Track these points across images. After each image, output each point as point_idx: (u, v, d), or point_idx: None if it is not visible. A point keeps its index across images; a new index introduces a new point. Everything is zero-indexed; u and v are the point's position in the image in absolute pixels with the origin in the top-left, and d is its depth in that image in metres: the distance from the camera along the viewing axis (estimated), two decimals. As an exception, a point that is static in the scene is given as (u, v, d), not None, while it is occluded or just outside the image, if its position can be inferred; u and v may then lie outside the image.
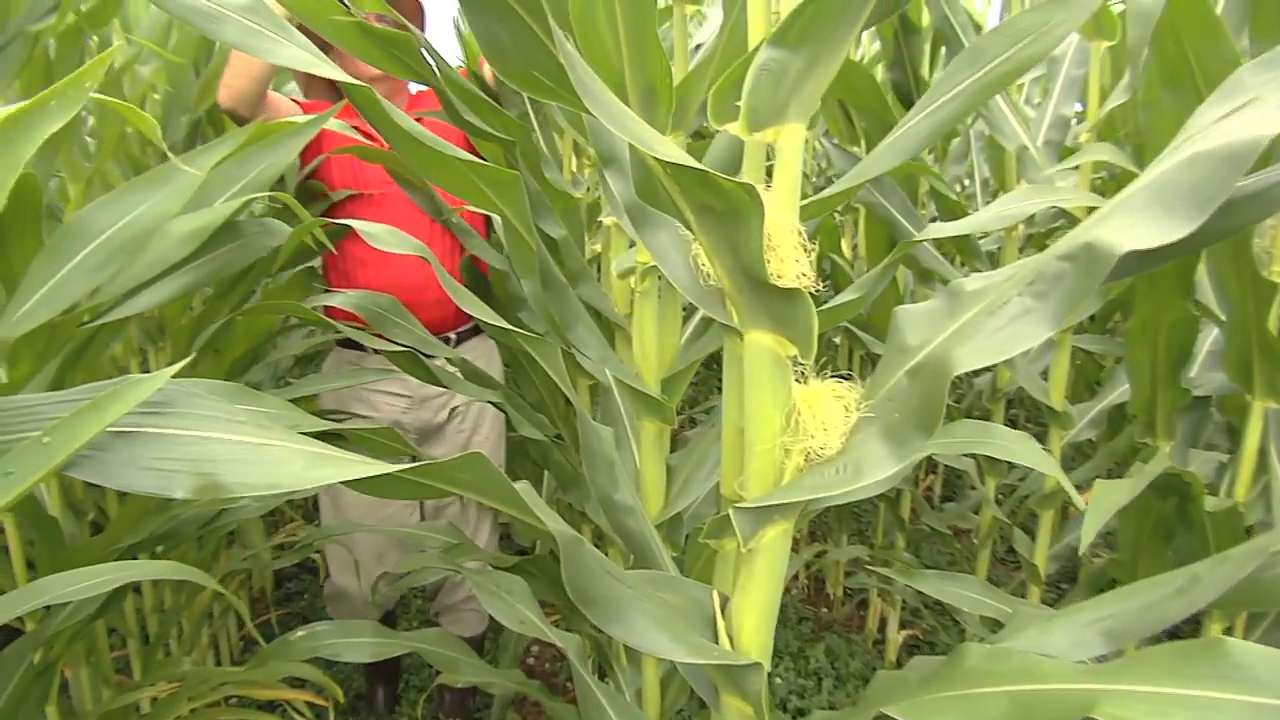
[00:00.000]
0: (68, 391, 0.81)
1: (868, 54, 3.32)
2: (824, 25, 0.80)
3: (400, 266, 2.08)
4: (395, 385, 2.22)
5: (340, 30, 1.25)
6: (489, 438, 2.39)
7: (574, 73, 0.70)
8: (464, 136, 2.12)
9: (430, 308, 2.08)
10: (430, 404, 2.28)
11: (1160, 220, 0.79)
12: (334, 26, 1.28)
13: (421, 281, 2.09)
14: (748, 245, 0.79)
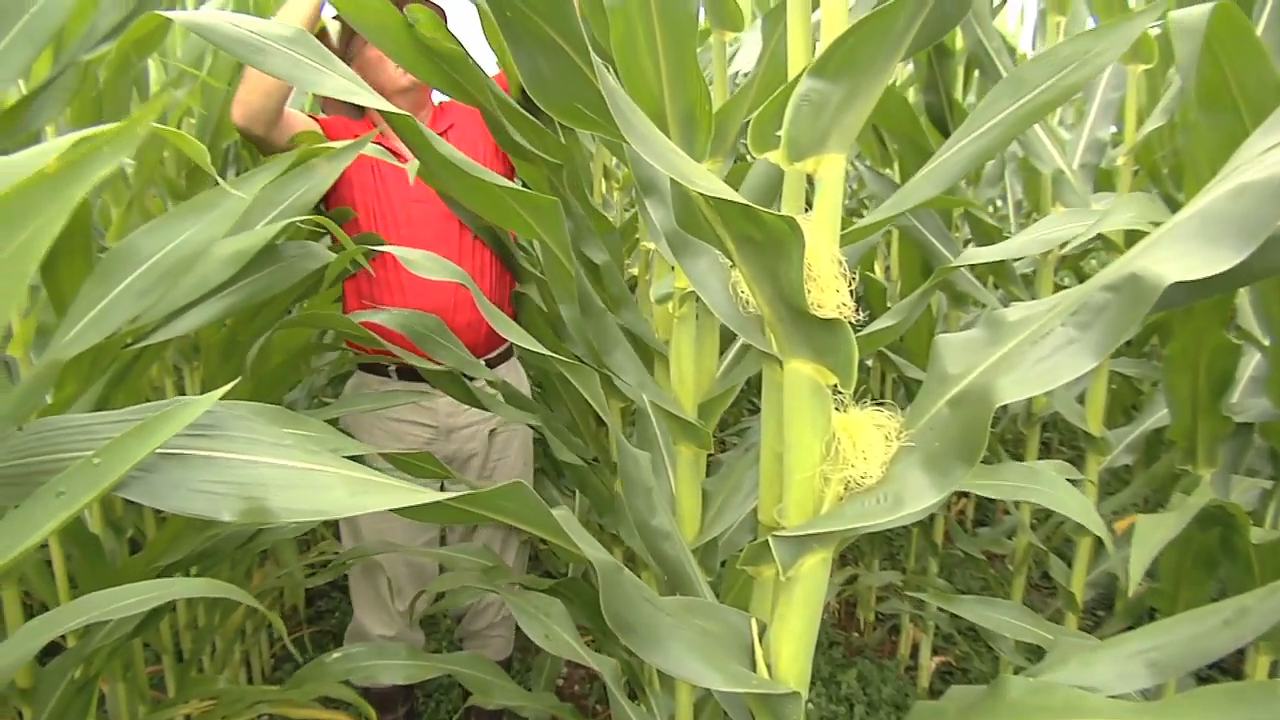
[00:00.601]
0: (117, 412, 0.83)
1: (901, 77, 3.32)
2: (864, 56, 0.81)
3: (428, 291, 2.03)
4: (423, 415, 2.18)
5: (400, 47, 1.27)
6: (514, 467, 2.34)
7: (615, 106, 0.71)
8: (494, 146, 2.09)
9: (460, 332, 2.02)
10: (456, 435, 2.22)
11: (1207, 251, 0.79)
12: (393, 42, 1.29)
13: (450, 305, 2.05)
14: (788, 275, 0.79)
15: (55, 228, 0.63)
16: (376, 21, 1.28)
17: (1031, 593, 3.45)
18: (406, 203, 2.05)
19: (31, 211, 0.63)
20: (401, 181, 2.04)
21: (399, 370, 2.11)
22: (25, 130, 1.48)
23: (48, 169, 0.62)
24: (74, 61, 1.49)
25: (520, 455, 2.35)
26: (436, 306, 2.01)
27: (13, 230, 0.64)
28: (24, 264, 0.64)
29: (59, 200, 0.63)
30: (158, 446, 0.74)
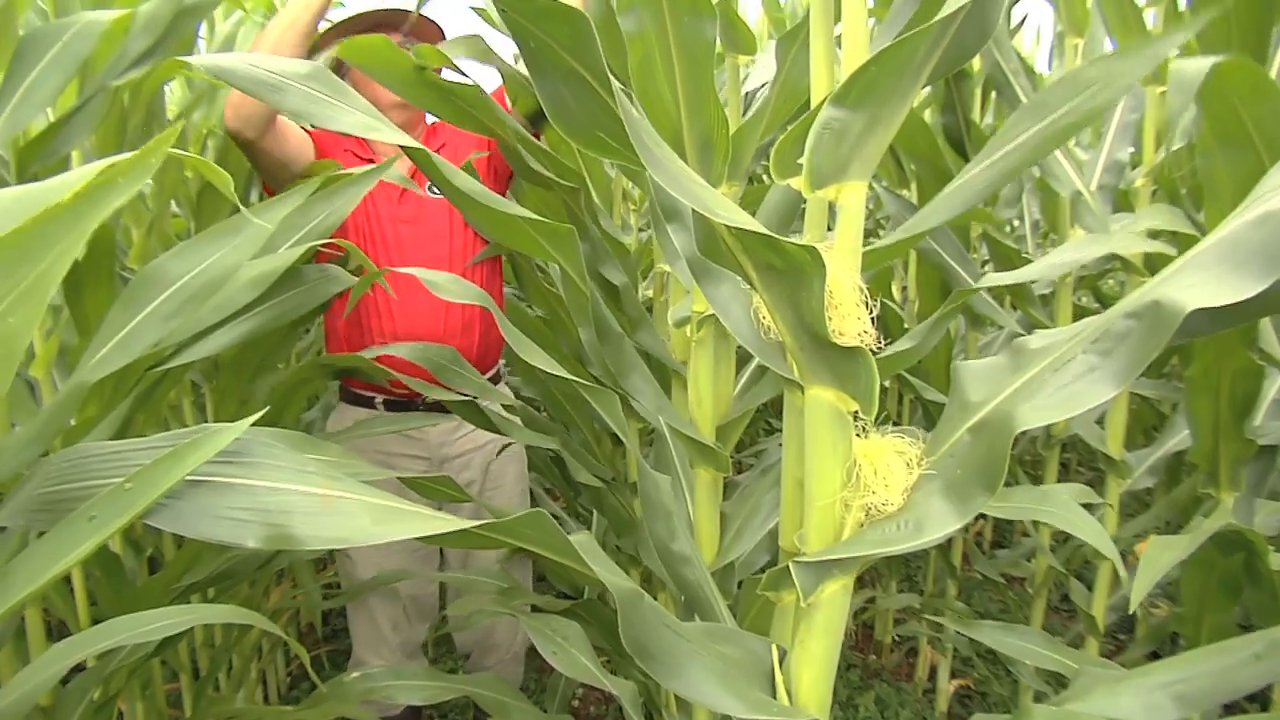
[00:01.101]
0: (146, 439, 0.84)
1: (918, 98, 3.33)
2: (885, 85, 0.81)
3: (422, 315, 1.98)
4: (414, 447, 2.13)
5: (410, 88, 1.28)
6: (511, 495, 2.28)
7: (636, 137, 0.71)
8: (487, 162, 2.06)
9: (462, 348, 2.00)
10: (450, 465, 2.16)
11: (1229, 278, 0.79)
12: (403, 83, 1.31)
13: (442, 330, 1.99)
14: (809, 303, 0.80)
15: (72, 256, 0.64)
16: (384, 64, 1.29)
17: (1051, 615, 3.42)
18: (395, 223, 2.00)
19: (49, 241, 0.65)
20: (390, 201, 2.01)
21: (386, 403, 2.07)
22: (53, 156, 1.51)
23: (62, 201, 0.63)
24: (102, 88, 1.52)
25: (516, 483, 2.30)
26: (430, 331, 1.98)
27: (32, 260, 0.65)
28: (43, 292, 0.65)
29: (76, 230, 0.64)
30: (187, 474, 0.75)
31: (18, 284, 0.64)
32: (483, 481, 2.22)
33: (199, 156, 0.76)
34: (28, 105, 1.38)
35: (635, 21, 1.00)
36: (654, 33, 1.00)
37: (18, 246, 0.64)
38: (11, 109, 1.36)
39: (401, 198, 2.01)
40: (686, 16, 0.99)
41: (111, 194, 0.66)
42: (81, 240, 0.65)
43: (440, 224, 2.01)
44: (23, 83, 1.40)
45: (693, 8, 0.98)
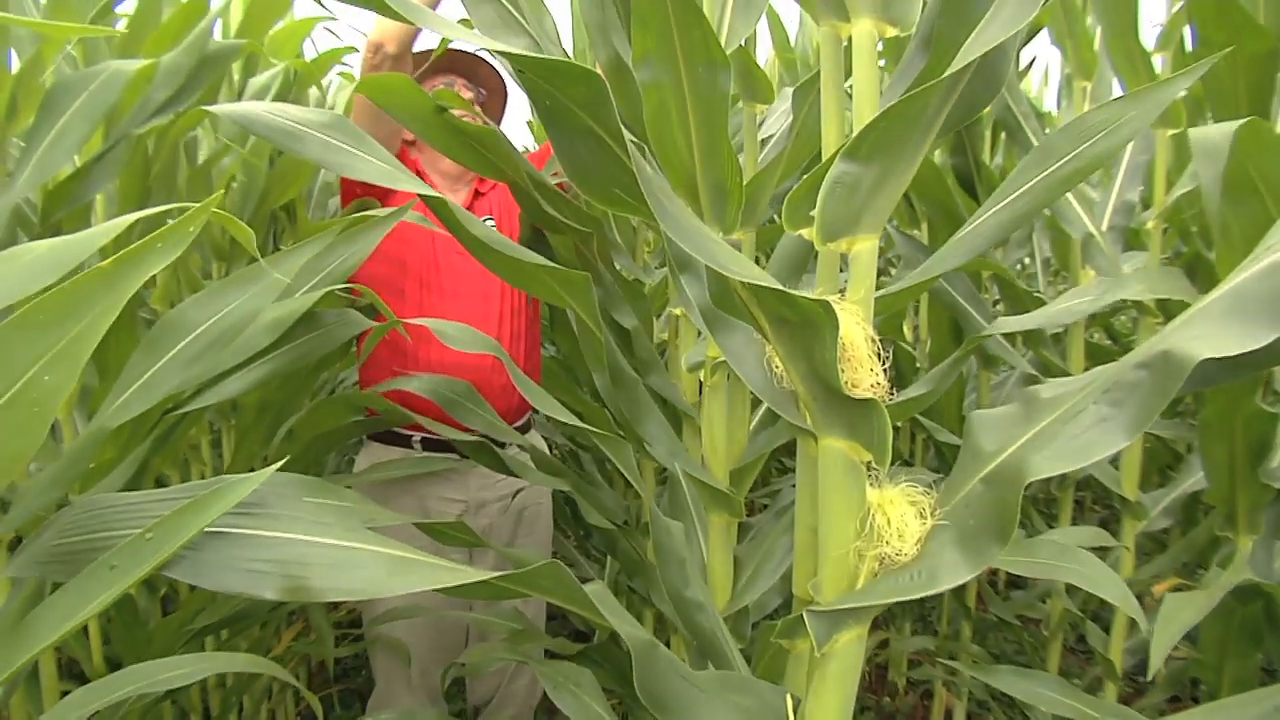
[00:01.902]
0: (166, 490, 0.85)
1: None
2: (896, 140, 0.83)
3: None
4: (452, 490, 2.07)
5: (428, 128, 1.31)
6: (541, 541, 2.26)
7: (651, 195, 0.73)
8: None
9: (497, 394, 1.97)
10: (487, 510, 2.12)
11: (1238, 329, 0.79)
12: (422, 123, 1.33)
13: (489, 362, 1.94)
14: (822, 356, 0.81)
15: (108, 321, 0.65)
16: (404, 104, 1.32)
17: (1068, 656, 3.38)
18: (450, 253, 1.96)
19: (88, 304, 0.66)
20: (452, 248, 1.93)
21: (425, 442, 2.02)
22: (78, 201, 1.54)
23: (102, 266, 0.64)
24: (126, 135, 1.55)
25: (545, 530, 2.28)
26: (478, 362, 1.94)
27: (70, 321, 0.67)
28: (78, 354, 0.67)
29: (114, 293, 0.66)
30: (207, 525, 0.76)
31: (55, 343, 0.66)
32: (516, 527, 2.19)
33: (224, 213, 0.78)
34: (55, 152, 1.41)
35: (650, 72, 1.01)
36: (669, 83, 1.02)
37: (57, 308, 0.65)
38: (40, 156, 1.40)
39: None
40: (701, 67, 1.00)
41: (151, 260, 0.68)
42: (120, 304, 0.67)
43: (494, 284, 2.00)
44: (51, 130, 1.43)
45: (707, 59, 1.00)
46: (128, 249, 0.68)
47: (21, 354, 0.68)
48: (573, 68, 0.82)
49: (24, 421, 0.70)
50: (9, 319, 0.69)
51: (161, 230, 0.70)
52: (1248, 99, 1.57)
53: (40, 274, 0.74)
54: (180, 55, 1.60)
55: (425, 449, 2.01)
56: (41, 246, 0.78)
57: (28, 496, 1.16)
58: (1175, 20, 2.02)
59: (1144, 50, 1.91)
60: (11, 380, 0.69)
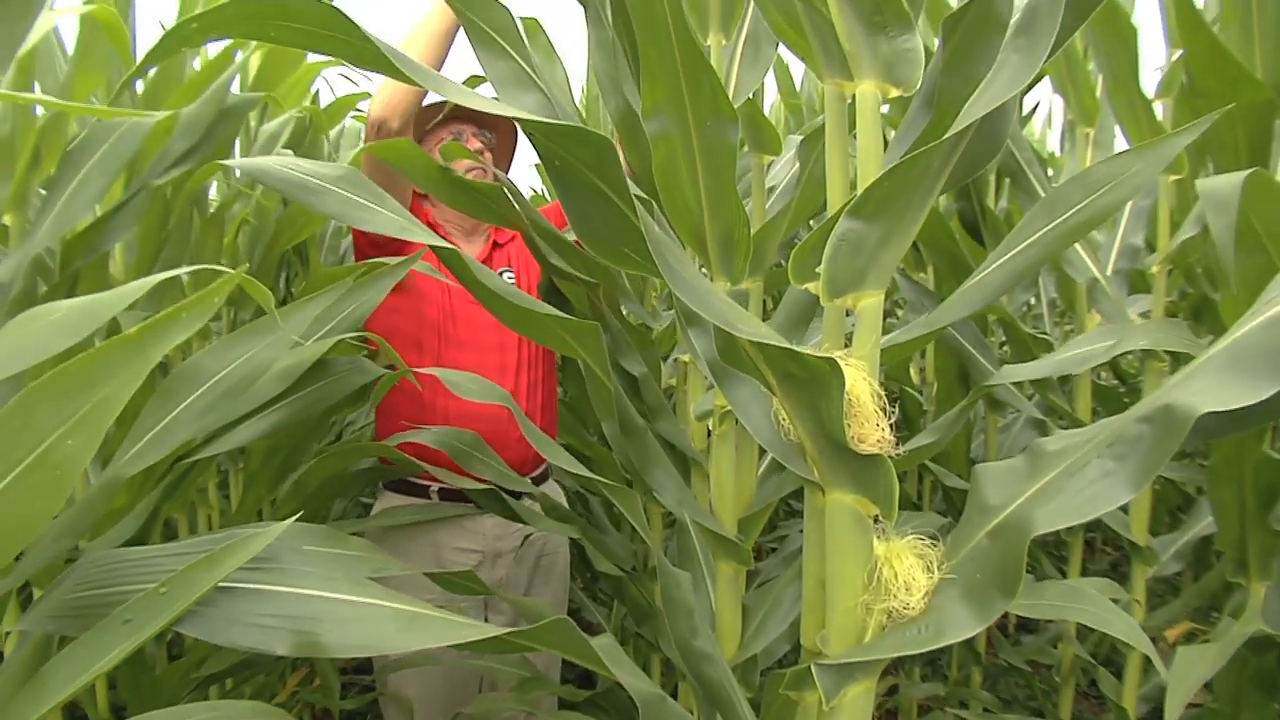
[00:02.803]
0: (179, 544, 0.86)
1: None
2: (900, 199, 0.84)
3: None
4: (467, 539, 2.02)
5: (436, 185, 1.33)
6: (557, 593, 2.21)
7: (659, 255, 0.74)
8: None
9: (514, 444, 1.93)
10: (503, 560, 2.07)
11: (1240, 383, 0.80)
12: (430, 181, 1.36)
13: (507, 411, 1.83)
14: (829, 411, 0.82)
15: (133, 387, 0.67)
16: (411, 164, 1.35)
17: (1080, 701, 3.33)
18: (466, 302, 1.90)
19: (110, 372, 0.68)
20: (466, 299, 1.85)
21: (442, 492, 1.98)
22: (97, 251, 1.56)
23: (129, 334, 0.66)
24: (145, 186, 1.58)
25: (561, 579, 2.23)
26: (495, 412, 1.88)
27: (95, 387, 0.69)
28: (101, 420, 0.68)
29: (137, 362, 0.68)
30: (221, 580, 0.77)
31: (79, 409, 0.67)
32: (532, 576, 2.14)
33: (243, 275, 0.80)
34: (76, 203, 1.44)
35: (659, 124, 1.03)
36: (677, 135, 1.04)
37: (82, 374, 0.67)
38: (61, 207, 1.42)
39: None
40: (709, 120, 1.02)
41: (175, 330, 0.70)
42: (145, 371, 0.68)
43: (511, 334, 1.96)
44: (72, 181, 1.46)
45: (715, 111, 1.02)
46: (153, 318, 0.70)
47: (46, 418, 0.70)
48: (581, 132, 0.84)
49: (46, 484, 0.72)
50: (35, 384, 0.70)
51: (187, 301, 0.72)
52: (1247, 147, 1.59)
53: (64, 334, 0.76)
54: (200, 108, 1.63)
55: (442, 499, 1.99)
56: (65, 306, 0.80)
57: (39, 546, 1.17)
58: (1174, 68, 2.04)
59: (1145, 98, 1.93)
60: (35, 443, 0.71)
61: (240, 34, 0.76)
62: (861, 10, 0.84)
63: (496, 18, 1.15)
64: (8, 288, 1.34)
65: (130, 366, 0.69)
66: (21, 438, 0.74)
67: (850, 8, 0.84)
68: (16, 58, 1.12)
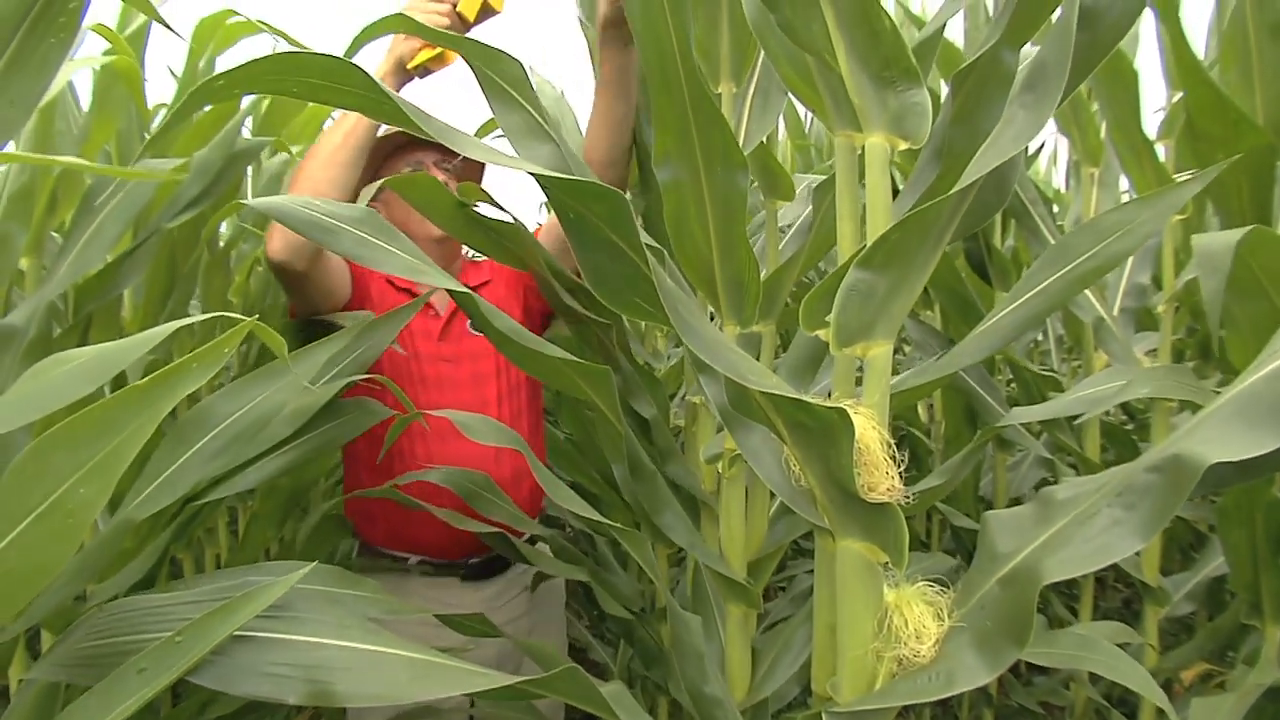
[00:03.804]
0: (193, 592, 0.87)
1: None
2: (909, 250, 0.85)
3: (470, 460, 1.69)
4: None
5: (451, 221, 1.34)
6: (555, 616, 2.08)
7: (670, 307, 0.75)
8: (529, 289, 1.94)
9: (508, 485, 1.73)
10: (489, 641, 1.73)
11: (1247, 433, 0.81)
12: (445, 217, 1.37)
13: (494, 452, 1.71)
14: (839, 461, 0.82)
15: (144, 436, 0.68)
16: (428, 199, 1.35)
17: (1094, 742, 3.29)
18: (435, 362, 1.80)
19: (123, 421, 0.69)
20: (429, 338, 1.83)
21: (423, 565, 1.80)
22: (108, 295, 1.58)
23: (139, 384, 0.67)
24: (157, 230, 1.60)
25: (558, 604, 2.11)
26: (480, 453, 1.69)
27: (107, 436, 0.70)
28: (114, 468, 0.69)
29: (149, 411, 0.69)
30: (236, 629, 0.77)
31: (92, 457, 0.68)
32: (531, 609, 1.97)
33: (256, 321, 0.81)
34: (92, 249, 1.46)
35: (670, 172, 1.05)
36: (689, 183, 1.05)
37: (95, 422, 0.68)
38: (77, 253, 1.44)
39: (441, 334, 1.84)
40: (720, 168, 1.04)
41: (187, 380, 0.71)
42: (157, 420, 0.69)
43: (486, 364, 1.84)
44: (88, 228, 1.48)
45: (725, 159, 1.03)
46: (165, 369, 0.71)
47: (59, 466, 0.71)
48: (595, 187, 0.85)
49: (59, 531, 0.72)
50: (50, 432, 0.71)
51: (198, 351, 0.73)
52: (1249, 191, 1.60)
53: (79, 383, 0.77)
54: (211, 152, 1.66)
55: (422, 574, 1.80)
56: (83, 354, 0.81)
57: (48, 591, 1.17)
58: (1175, 110, 2.06)
59: (1147, 140, 1.95)
60: (48, 491, 0.72)
61: (263, 90, 0.77)
62: (870, 65, 0.85)
63: (509, 70, 1.17)
64: (23, 332, 1.36)
65: (142, 416, 0.70)
66: (35, 485, 0.75)
67: (859, 63, 0.86)
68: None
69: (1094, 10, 0.86)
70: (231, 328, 0.87)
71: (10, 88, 0.83)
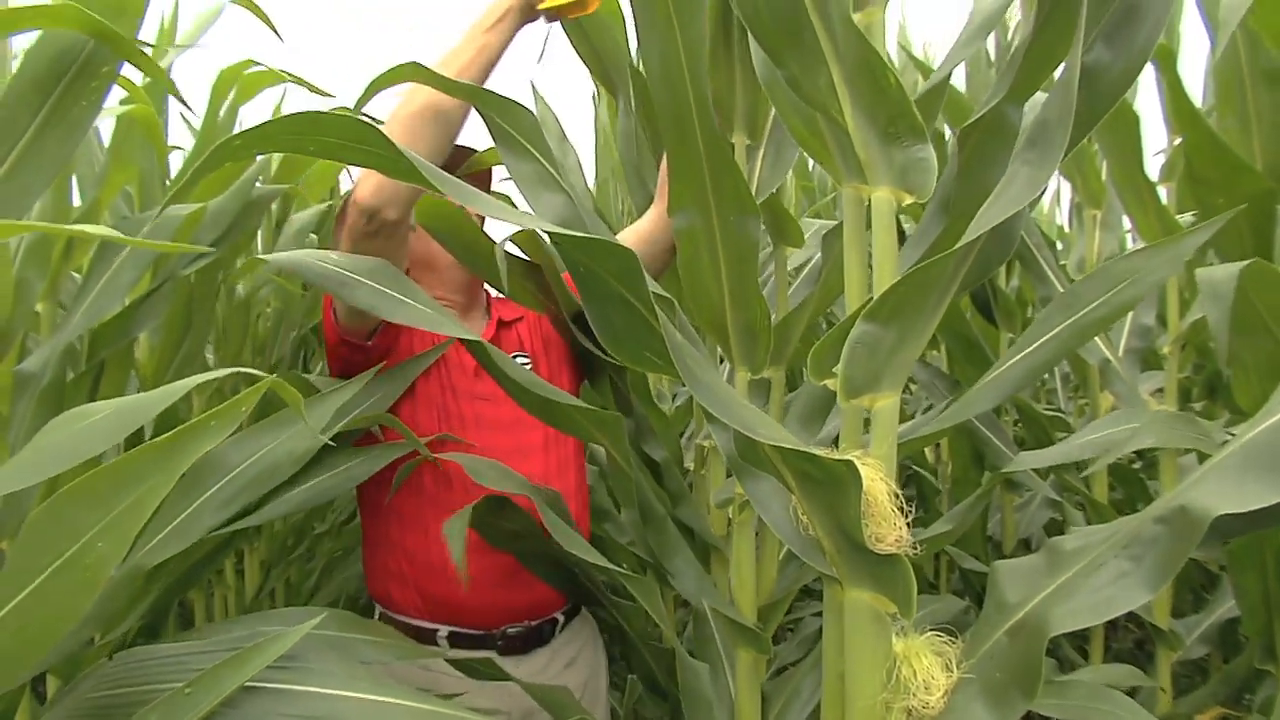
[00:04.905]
0: (204, 642, 0.87)
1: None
2: (914, 303, 0.87)
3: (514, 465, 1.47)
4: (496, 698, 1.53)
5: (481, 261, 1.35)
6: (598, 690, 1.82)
7: (681, 362, 0.76)
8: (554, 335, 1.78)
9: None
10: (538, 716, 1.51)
11: (1253, 485, 0.81)
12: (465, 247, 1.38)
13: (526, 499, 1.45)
14: (846, 512, 0.83)
15: (162, 493, 0.69)
16: (458, 235, 1.36)
17: (1107, 788, 3.24)
18: (473, 400, 1.63)
19: (141, 478, 0.70)
20: (465, 375, 1.66)
21: (453, 637, 1.56)
22: (123, 340, 1.60)
23: (158, 441, 0.68)
24: (173, 276, 1.62)
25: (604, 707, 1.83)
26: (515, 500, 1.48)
27: (126, 491, 0.71)
28: (132, 524, 0.70)
29: (167, 468, 0.70)
30: (247, 680, 0.77)
31: (110, 513, 0.69)
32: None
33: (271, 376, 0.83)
34: (108, 295, 1.48)
35: (685, 219, 1.07)
36: (701, 230, 1.07)
37: (114, 479, 0.69)
38: (93, 299, 1.46)
39: (478, 370, 1.62)
40: (733, 215, 1.06)
41: (205, 438, 0.72)
42: (174, 478, 0.71)
43: None
44: (105, 273, 1.50)
45: (738, 207, 1.05)
46: (183, 427, 0.73)
47: (78, 521, 0.72)
48: (608, 245, 0.87)
49: (76, 585, 0.73)
50: (69, 487, 0.73)
51: (216, 410, 0.74)
52: (1250, 233, 1.61)
53: (99, 438, 0.78)
54: (227, 199, 1.68)
55: (453, 644, 1.56)
56: (104, 408, 0.82)
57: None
58: (1175, 153, 2.08)
59: (1149, 182, 1.97)
60: (66, 546, 0.73)
61: (280, 149, 0.79)
62: (876, 122, 0.87)
63: (520, 120, 1.20)
64: (39, 378, 1.37)
65: (160, 473, 0.71)
66: (54, 540, 0.76)
67: (865, 119, 0.88)
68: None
69: (1095, 69, 0.88)
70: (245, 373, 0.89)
71: (44, 150, 0.85)
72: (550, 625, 1.60)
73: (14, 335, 1.37)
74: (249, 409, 0.76)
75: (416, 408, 1.60)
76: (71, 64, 1.05)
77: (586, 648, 1.70)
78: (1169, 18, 1.36)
